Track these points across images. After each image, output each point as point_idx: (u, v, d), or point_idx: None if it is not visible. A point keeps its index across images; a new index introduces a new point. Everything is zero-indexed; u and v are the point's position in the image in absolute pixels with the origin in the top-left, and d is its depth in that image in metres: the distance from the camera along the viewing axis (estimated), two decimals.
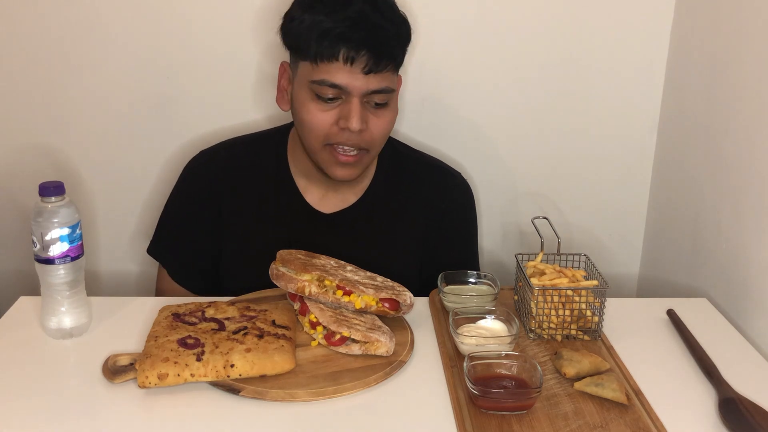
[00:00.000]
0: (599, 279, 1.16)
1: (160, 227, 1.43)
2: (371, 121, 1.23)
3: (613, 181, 1.71)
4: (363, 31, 1.17)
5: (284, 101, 1.31)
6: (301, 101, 1.24)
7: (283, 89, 1.31)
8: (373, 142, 1.26)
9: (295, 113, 1.28)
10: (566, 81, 1.63)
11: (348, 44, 1.17)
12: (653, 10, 1.58)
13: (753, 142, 1.29)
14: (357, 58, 1.18)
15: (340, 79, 1.19)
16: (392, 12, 1.24)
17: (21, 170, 1.63)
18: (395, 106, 1.28)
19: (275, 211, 1.37)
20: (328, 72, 1.19)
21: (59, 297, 1.13)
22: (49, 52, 1.55)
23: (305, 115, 1.24)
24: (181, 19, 1.54)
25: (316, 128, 1.23)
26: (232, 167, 1.39)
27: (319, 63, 1.19)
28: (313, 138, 1.25)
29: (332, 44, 1.17)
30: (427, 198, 1.42)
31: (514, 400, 0.97)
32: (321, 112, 1.22)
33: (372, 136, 1.25)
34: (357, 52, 1.17)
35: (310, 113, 1.23)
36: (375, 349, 1.09)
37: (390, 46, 1.21)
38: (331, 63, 1.18)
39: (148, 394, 1.01)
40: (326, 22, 1.17)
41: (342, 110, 1.22)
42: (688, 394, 1.05)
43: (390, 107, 1.27)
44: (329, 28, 1.17)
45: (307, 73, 1.22)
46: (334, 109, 1.22)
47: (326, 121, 1.22)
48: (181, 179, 1.41)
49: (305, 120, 1.24)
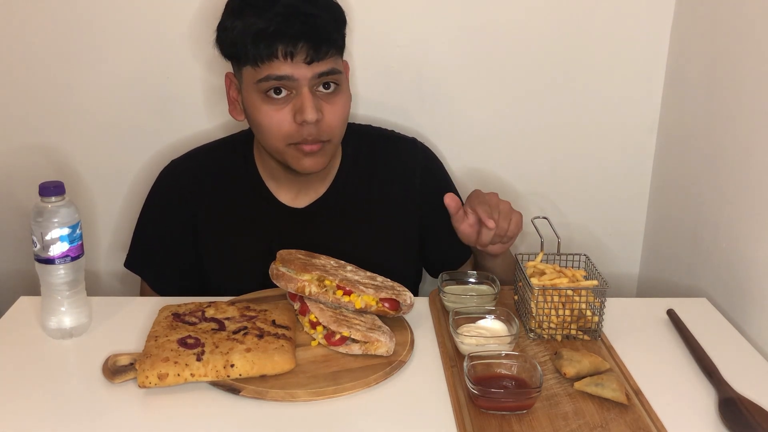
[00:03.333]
0: (599, 279, 1.16)
1: (136, 240, 1.42)
2: (326, 109, 1.23)
3: (613, 181, 1.71)
4: (297, 24, 1.17)
5: (237, 111, 1.31)
6: (254, 106, 1.23)
7: (233, 100, 1.31)
8: (332, 131, 1.25)
9: (251, 119, 1.27)
10: (566, 81, 1.63)
11: (284, 40, 1.17)
12: (653, 10, 1.57)
13: (753, 142, 1.29)
14: (296, 52, 1.18)
15: (283, 70, 1.19)
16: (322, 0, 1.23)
17: (21, 170, 1.63)
18: (347, 90, 1.28)
19: (250, 213, 1.37)
20: (269, 69, 1.19)
21: (59, 297, 1.13)
22: (49, 52, 1.55)
23: (261, 119, 1.23)
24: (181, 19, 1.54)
25: (276, 129, 1.23)
26: (203, 174, 1.39)
27: (260, 64, 1.19)
28: (274, 140, 1.24)
29: (269, 44, 1.17)
30: (395, 168, 1.42)
31: (514, 400, 0.97)
32: (276, 112, 1.22)
33: (329, 125, 1.24)
34: (294, 46, 1.17)
35: (265, 115, 1.22)
36: (375, 349, 1.09)
37: (327, 32, 1.20)
38: (272, 62, 1.18)
39: (148, 394, 1.01)
40: (258, 22, 1.17)
41: (295, 104, 1.21)
42: (688, 394, 1.05)
43: (341, 92, 1.26)
44: (262, 29, 1.17)
45: (251, 77, 1.22)
46: (287, 105, 1.22)
47: (283, 119, 1.22)
48: (153, 190, 1.41)
49: (263, 123, 1.23)
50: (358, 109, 1.60)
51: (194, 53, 1.56)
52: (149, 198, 1.41)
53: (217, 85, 1.59)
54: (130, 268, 1.43)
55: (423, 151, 1.47)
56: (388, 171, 1.42)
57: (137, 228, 1.43)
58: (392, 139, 1.46)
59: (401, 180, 1.42)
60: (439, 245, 1.45)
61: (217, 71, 1.57)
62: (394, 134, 1.48)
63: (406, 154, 1.45)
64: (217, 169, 1.39)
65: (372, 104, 1.61)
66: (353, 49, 1.50)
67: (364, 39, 1.53)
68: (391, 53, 1.59)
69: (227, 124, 1.60)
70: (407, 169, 1.43)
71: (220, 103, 1.60)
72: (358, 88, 1.59)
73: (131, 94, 1.59)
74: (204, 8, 1.52)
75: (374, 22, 1.54)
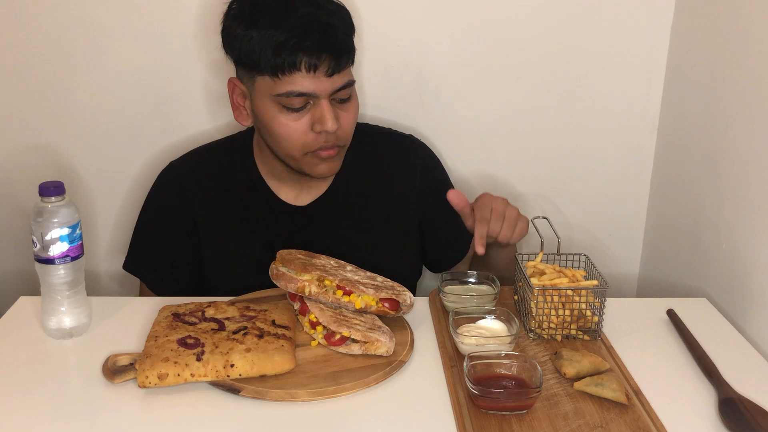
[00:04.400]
0: (599, 279, 1.16)
1: (135, 242, 1.42)
2: (341, 117, 1.24)
3: (613, 181, 1.71)
4: (317, 35, 1.16)
5: (243, 117, 1.30)
6: (269, 116, 1.23)
7: (238, 106, 1.29)
8: (347, 136, 1.28)
9: (265, 128, 1.26)
10: (566, 81, 1.63)
11: (308, 52, 1.16)
12: (653, 10, 1.57)
13: (753, 142, 1.29)
14: (319, 64, 1.17)
15: (306, 86, 1.18)
16: (332, 5, 1.23)
17: (21, 170, 1.63)
18: (356, 95, 1.29)
19: (251, 212, 1.37)
20: (291, 83, 1.18)
21: (59, 297, 1.13)
22: (49, 52, 1.55)
23: (278, 129, 1.23)
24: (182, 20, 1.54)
25: (293, 139, 1.23)
26: (203, 175, 1.38)
27: (281, 76, 1.18)
28: (290, 148, 1.24)
29: (291, 55, 1.16)
30: (395, 165, 1.43)
31: (514, 400, 0.97)
32: (293, 122, 1.22)
33: (345, 131, 1.26)
34: (318, 58, 1.17)
35: (282, 126, 1.22)
36: (375, 349, 1.09)
37: (344, 42, 1.21)
38: (293, 74, 1.18)
39: (148, 394, 1.01)
40: (277, 34, 1.16)
41: (313, 115, 1.21)
42: (688, 394, 1.05)
43: (354, 98, 1.27)
44: (283, 41, 1.15)
45: (268, 88, 1.20)
46: (305, 115, 1.22)
47: (300, 129, 1.22)
48: (152, 192, 1.41)
49: (279, 133, 1.23)
50: None
51: (194, 54, 1.56)
52: (148, 200, 1.41)
53: (217, 86, 1.59)
54: (129, 271, 1.42)
55: (420, 147, 1.48)
56: (388, 168, 1.42)
57: (136, 230, 1.42)
58: (390, 136, 1.47)
59: (401, 176, 1.43)
60: (438, 241, 1.45)
61: (218, 72, 1.57)
62: (392, 131, 1.48)
63: (405, 151, 1.45)
64: (217, 170, 1.39)
65: (372, 104, 1.61)
66: None
67: (365, 39, 1.53)
68: (391, 53, 1.59)
69: (227, 125, 1.60)
70: (406, 166, 1.43)
71: (220, 104, 1.60)
72: (359, 88, 1.59)
73: (131, 95, 1.59)
74: (204, 9, 1.52)
75: (374, 22, 1.54)
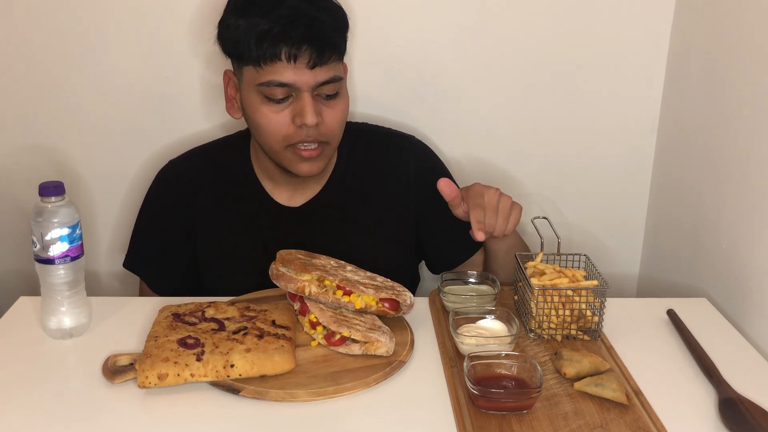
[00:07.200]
0: (599, 279, 1.16)
1: (134, 240, 1.43)
2: (325, 113, 1.24)
3: (613, 180, 1.71)
4: (301, 27, 1.17)
5: (234, 109, 1.31)
6: (253, 107, 1.24)
7: (231, 98, 1.31)
8: (331, 134, 1.26)
9: (249, 119, 1.27)
10: (566, 81, 1.63)
11: (288, 42, 1.17)
12: (653, 10, 1.58)
13: (753, 142, 1.29)
14: (300, 55, 1.18)
15: (286, 77, 1.19)
16: (326, 2, 1.23)
17: (21, 170, 1.63)
18: (346, 94, 1.28)
19: (246, 213, 1.37)
20: (273, 72, 1.19)
21: (59, 297, 1.13)
22: (48, 52, 1.55)
23: (260, 120, 1.23)
24: (180, 20, 1.54)
25: (274, 131, 1.23)
26: (201, 175, 1.39)
27: (263, 65, 1.19)
28: (272, 141, 1.25)
29: (272, 45, 1.17)
30: (391, 165, 1.42)
31: (514, 400, 0.97)
32: (275, 114, 1.22)
33: (329, 128, 1.25)
34: (298, 49, 1.17)
35: (264, 116, 1.23)
36: (375, 349, 1.09)
37: (330, 36, 1.21)
38: (275, 63, 1.18)
39: (148, 394, 1.01)
40: (262, 23, 1.17)
41: (295, 107, 1.22)
42: (688, 394, 1.05)
43: (341, 96, 1.27)
44: (267, 29, 1.17)
45: (252, 77, 1.21)
46: (287, 108, 1.22)
47: (282, 121, 1.22)
48: (151, 191, 1.41)
49: (261, 124, 1.24)
50: (358, 107, 1.61)
51: (194, 54, 1.57)
52: (147, 199, 1.42)
53: (216, 86, 1.58)
54: (128, 268, 1.43)
55: (419, 147, 1.47)
56: (384, 168, 1.42)
57: (135, 228, 1.43)
58: (387, 136, 1.46)
59: (396, 177, 1.42)
60: (438, 241, 1.45)
61: (217, 72, 1.57)
62: (390, 131, 1.48)
63: (402, 151, 1.44)
64: (214, 170, 1.40)
65: (372, 103, 1.61)
66: (353, 48, 1.50)
67: (365, 39, 1.53)
68: (391, 53, 1.59)
69: (226, 125, 1.60)
70: (402, 166, 1.43)
71: (219, 104, 1.59)
72: (358, 88, 1.59)
73: (131, 95, 1.60)
74: (203, 9, 1.52)
75: (374, 22, 1.54)
